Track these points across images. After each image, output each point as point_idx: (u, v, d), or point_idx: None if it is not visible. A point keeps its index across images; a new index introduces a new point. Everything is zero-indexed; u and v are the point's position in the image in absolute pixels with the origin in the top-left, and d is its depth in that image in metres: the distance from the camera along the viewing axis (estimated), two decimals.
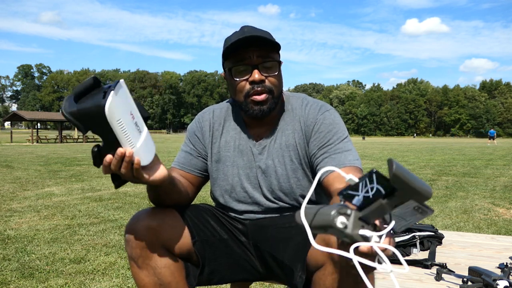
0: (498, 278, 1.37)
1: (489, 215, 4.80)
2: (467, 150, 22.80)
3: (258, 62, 1.19)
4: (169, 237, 1.15)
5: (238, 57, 1.20)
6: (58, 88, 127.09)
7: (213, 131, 1.34)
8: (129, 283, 2.53)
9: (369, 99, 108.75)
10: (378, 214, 0.62)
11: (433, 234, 2.02)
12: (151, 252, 1.13)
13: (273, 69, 1.22)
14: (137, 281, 1.16)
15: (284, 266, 1.17)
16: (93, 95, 0.87)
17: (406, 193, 0.58)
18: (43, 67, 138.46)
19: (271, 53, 1.21)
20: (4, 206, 5.06)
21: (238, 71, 1.21)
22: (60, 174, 8.77)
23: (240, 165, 1.30)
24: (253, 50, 1.19)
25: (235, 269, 1.27)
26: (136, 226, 1.13)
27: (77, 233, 3.74)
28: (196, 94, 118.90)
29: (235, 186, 1.30)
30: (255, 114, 1.21)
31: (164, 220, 1.15)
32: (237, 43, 1.17)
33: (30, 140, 30.50)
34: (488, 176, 8.94)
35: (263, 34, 1.20)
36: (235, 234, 1.30)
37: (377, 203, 0.60)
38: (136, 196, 5.86)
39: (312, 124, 1.25)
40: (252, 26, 1.25)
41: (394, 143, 39.61)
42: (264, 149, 1.29)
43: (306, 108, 1.29)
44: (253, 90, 1.19)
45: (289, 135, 1.27)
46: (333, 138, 1.21)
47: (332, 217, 0.61)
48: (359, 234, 0.62)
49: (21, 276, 2.63)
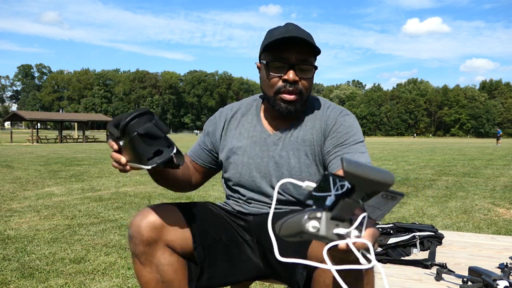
0: (498, 278, 1.37)
1: (489, 215, 4.80)
2: (467, 150, 22.80)
3: (295, 63, 1.21)
4: (172, 236, 1.16)
5: (278, 53, 1.22)
6: (58, 88, 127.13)
7: (228, 124, 1.39)
8: (129, 283, 2.53)
9: (369, 99, 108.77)
10: (348, 210, 0.63)
11: (433, 234, 2.02)
12: (154, 249, 1.14)
13: (308, 73, 1.24)
14: (140, 278, 1.16)
15: (285, 263, 1.17)
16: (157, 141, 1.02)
17: (366, 186, 0.60)
18: (43, 67, 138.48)
19: (310, 57, 1.24)
20: (4, 206, 5.06)
21: (274, 66, 1.23)
22: (60, 174, 8.77)
23: (252, 155, 1.32)
24: (293, 50, 1.21)
25: (235, 272, 1.27)
26: (141, 223, 1.13)
27: (77, 233, 3.74)
28: (196, 94, 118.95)
29: (244, 174, 1.32)
30: (281, 111, 1.25)
31: (168, 220, 1.16)
32: (280, 40, 1.19)
33: (30, 140, 30.49)
34: (488, 176, 8.94)
35: (306, 36, 1.21)
36: (238, 232, 1.31)
37: (343, 201, 0.62)
38: (136, 196, 5.86)
39: (332, 124, 1.28)
40: (296, 25, 1.27)
41: (394, 143, 39.61)
42: (279, 140, 1.31)
43: (328, 109, 1.32)
44: (284, 88, 1.22)
45: (307, 131, 1.30)
46: (349, 139, 1.25)
47: (304, 222, 0.62)
48: (334, 233, 0.63)
49: (21, 276, 2.63)
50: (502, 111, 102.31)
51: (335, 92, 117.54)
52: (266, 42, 1.22)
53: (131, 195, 5.99)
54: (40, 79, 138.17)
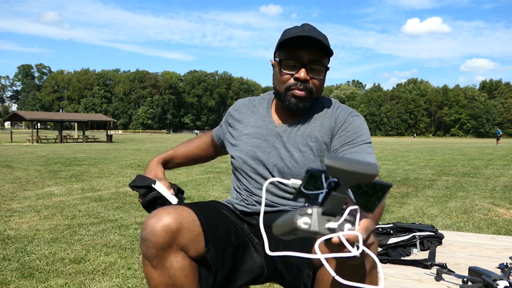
0: (498, 278, 1.37)
1: (489, 215, 4.80)
2: (467, 150, 22.80)
3: (308, 62, 1.24)
4: (186, 240, 1.14)
5: (292, 52, 1.25)
6: (58, 88, 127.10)
7: (242, 112, 1.45)
8: (129, 283, 2.53)
9: (369, 99, 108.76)
10: (338, 205, 0.64)
11: (433, 234, 2.02)
12: (168, 253, 1.12)
13: (320, 73, 1.27)
14: (149, 281, 1.15)
15: (291, 264, 1.17)
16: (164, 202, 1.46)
17: (350, 179, 0.60)
18: (43, 67, 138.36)
19: (322, 58, 1.26)
20: (4, 206, 5.06)
21: (287, 64, 1.26)
22: (60, 174, 8.77)
23: (256, 144, 1.34)
24: (307, 50, 1.23)
25: (242, 274, 1.27)
26: (156, 226, 1.11)
27: (77, 233, 3.74)
28: (196, 94, 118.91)
29: (247, 161, 1.34)
30: (290, 107, 1.28)
31: (183, 223, 1.14)
32: (294, 39, 1.21)
33: (30, 140, 30.48)
34: (488, 176, 8.94)
35: (321, 37, 1.24)
36: (245, 233, 1.31)
37: (330, 196, 0.63)
38: (136, 196, 5.85)
39: (341, 123, 1.30)
40: (312, 26, 1.29)
41: (394, 143, 39.60)
42: (285, 132, 1.33)
43: (338, 109, 1.35)
44: (295, 86, 1.26)
45: (315, 127, 1.32)
46: (357, 139, 1.26)
47: (295, 219, 0.63)
48: (326, 228, 0.64)
49: (21, 276, 2.63)
50: (502, 111, 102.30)
51: (335, 92, 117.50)
52: (281, 40, 1.25)
53: (131, 195, 5.99)
54: (40, 79, 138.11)
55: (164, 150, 10.17)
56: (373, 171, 0.60)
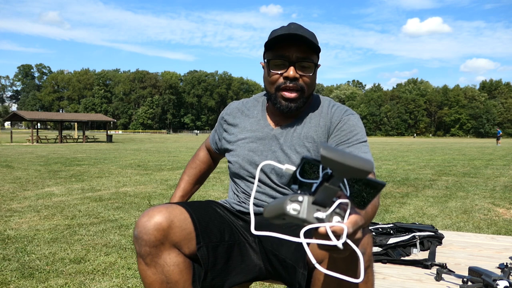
0: (498, 278, 1.37)
1: (489, 215, 4.80)
2: (467, 150, 22.80)
3: (296, 60, 1.24)
4: (178, 238, 1.15)
5: (279, 51, 1.25)
6: (58, 88, 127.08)
7: (236, 116, 1.44)
8: (129, 283, 2.53)
9: (369, 99, 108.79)
10: (329, 196, 0.64)
11: (433, 234, 2.02)
12: (160, 250, 1.13)
13: (309, 70, 1.27)
14: (144, 279, 1.15)
15: (286, 263, 1.17)
16: None
17: (344, 172, 0.60)
18: (43, 67, 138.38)
19: (311, 55, 1.26)
20: (4, 206, 5.06)
21: (275, 64, 1.26)
22: (60, 174, 8.77)
23: (253, 148, 1.34)
24: (294, 48, 1.23)
25: (237, 273, 1.27)
26: (147, 224, 1.12)
27: (77, 233, 3.74)
28: (196, 94, 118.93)
29: (244, 166, 1.34)
30: (282, 109, 1.28)
31: (174, 220, 1.15)
32: (280, 37, 1.21)
33: (30, 140, 30.49)
34: (488, 176, 8.94)
35: (307, 34, 1.24)
36: (241, 232, 1.31)
37: (323, 186, 0.63)
38: (136, 196, 5.86)
39: (336, 122, 1.30)
40: (299, 25, 1.29)
41: (394, 143, 39.60)
42: (281, 135, 1.33)
43: (333, 108, 1.34)
44: (284, 85, 1.25)
45: (311, 128, 1.32)
46: (353, 138, 1.27)
47: (285, 205, 0.64)
48: (314, 217, 0.65)
49: (21, 276, 2.63)
50: (502, 111, 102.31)
51: (335, 92, 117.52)
52: (267, 41, 1.25)
53: (131, 195, 5.99)
54: (40, 79, 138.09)
55: (163, 150, 10.10)
56: (368, 168, 0.59)
